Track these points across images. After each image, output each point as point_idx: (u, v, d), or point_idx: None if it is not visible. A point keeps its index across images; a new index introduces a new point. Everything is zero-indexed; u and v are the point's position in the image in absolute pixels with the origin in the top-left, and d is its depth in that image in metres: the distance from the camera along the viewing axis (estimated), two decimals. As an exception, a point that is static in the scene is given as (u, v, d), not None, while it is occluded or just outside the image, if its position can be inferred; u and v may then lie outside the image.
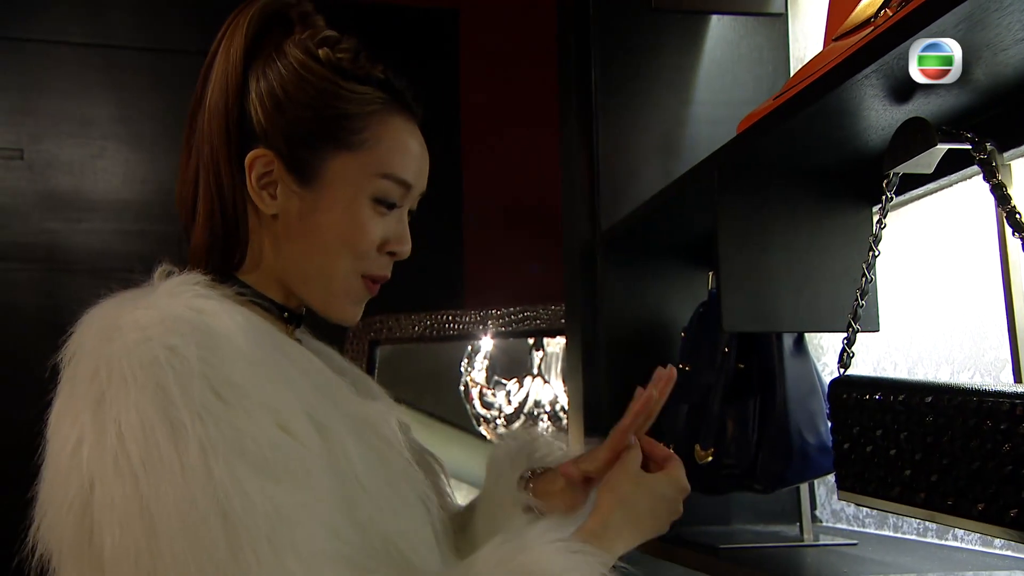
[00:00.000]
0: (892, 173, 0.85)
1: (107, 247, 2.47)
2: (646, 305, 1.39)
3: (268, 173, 0.83)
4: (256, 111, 0.82)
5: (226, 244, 0.84)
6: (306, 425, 0.72)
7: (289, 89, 0.82)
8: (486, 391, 2.40)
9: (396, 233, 0.87)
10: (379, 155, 0.84)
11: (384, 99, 0.85)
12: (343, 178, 0.83)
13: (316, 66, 0.83)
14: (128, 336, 0.70)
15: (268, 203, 0.83)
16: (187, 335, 0.70)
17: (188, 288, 0.76)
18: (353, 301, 0.87)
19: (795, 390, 1.07)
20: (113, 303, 0.76)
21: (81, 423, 0.70)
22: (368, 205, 0.84)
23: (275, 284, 0.86)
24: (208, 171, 0.83)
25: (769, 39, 1.43)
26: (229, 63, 0.83)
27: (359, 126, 0.83)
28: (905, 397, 0.79)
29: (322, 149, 0.83)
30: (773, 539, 1.15)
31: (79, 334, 0.76)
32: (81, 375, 0.72)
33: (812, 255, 1.03)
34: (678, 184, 1.18)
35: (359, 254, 0.84)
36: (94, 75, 2.50)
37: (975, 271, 1.01)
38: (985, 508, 0.71)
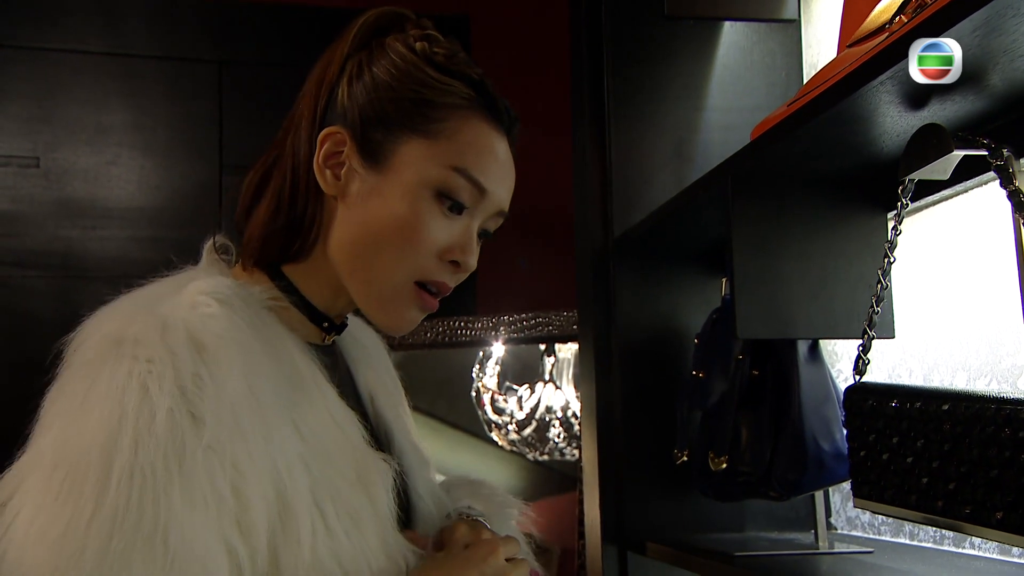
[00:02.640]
0: (908, 179, 0.85)
1: (122, 254, 2.49)
2: (659, 311, 1.39)
3: (338, 153, 0.81)
4: (343, 94, 0.81)
5: (288, 229, 0.81)
6: (263, 501, 0.67)
7: (377, 71, 0.81)
8: (498, 397, 2.40)
9: (461, 242, 0.81)
10: (454, 147, 0.80)
11: (472, 98, 0.82)
12: (411, 164, 0.79)
13: (410, 55, 0.82)
14: (119, 362, 0.67)
15: (330, 182, 0.81)
16: (165, 379, 0.66)
17: (207, 301, 0.73)
18: (403, 305, 0.81)
19: (810, 397, 1.07)
20: (140, 297, 0.75)
21: (58, 422, 0.69)
22: (431, 198, 0.79)
23: (323, 280, 0.83)
24: (290, 152, 0.82)
25: (782, 45, 1.43)
26: (334, 53, 0.84)
27: (439, 115, 0.80)
28: (922, 404, 0.78)
29: (397, 132, 0.80)
30: (788, 546, 1.15)
31: (101, 317, 0.74)
32: (78, 374, 0.70)
33: (827, 261, 1.02)
34: (691, 190, 1.18)
35: (412, 250, 0.79)
36: (110, 83, 2.52)
37: (991, 277, 1.00)
38: (1004, 516, 0.70)
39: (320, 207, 0.82)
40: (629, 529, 1.34)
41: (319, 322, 0.84)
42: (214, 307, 0.73)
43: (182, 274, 0.81)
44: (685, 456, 1.24)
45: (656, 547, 1.25)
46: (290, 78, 0.88)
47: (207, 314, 0.72)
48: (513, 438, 2.46)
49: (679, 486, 1.32)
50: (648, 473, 1.35)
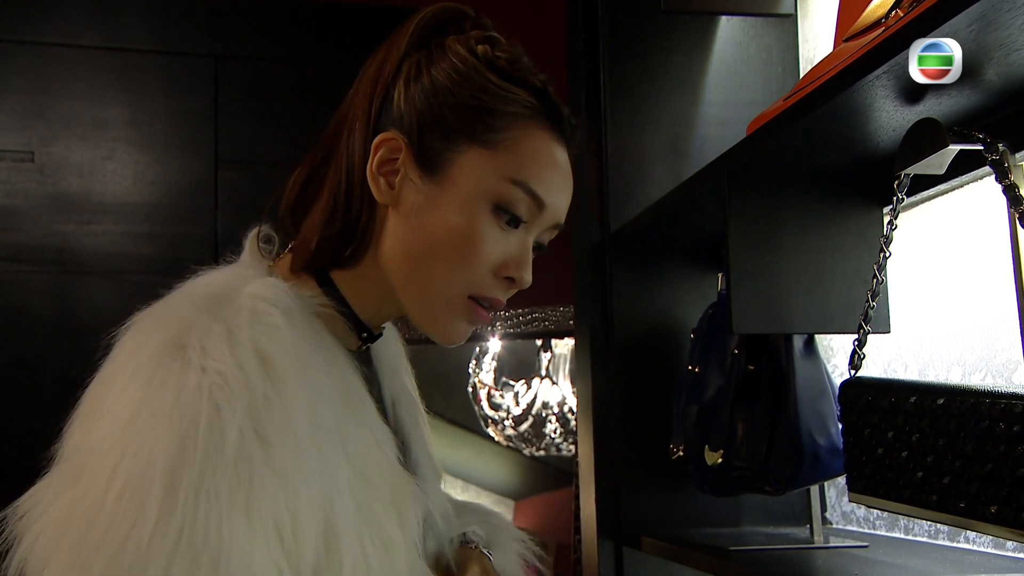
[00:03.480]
0: (903, 174, 0.85)
1: (117, 249, 2.48)
2: (656, 306, 1.39)
3: (393, 160, 0.78)
4: (400, 96, 0.78)
5: (342, 235, 0.78)
6: (314, 529, 0.66)
7: (436, 75, 0.77)
8: (494, 392, 2.40)
9: (517, 257, 0.78)
10: (514, 159, 0.77)
11: (534, 107, 0.79)
12: (469, 175, 0.76)
13: (471, 59, 0.78)
14: (185, 370, 0.65)
15: (383, 190, 0.78)
16: (237, 397, 0.64)
17: (269, 310, 0.71)
18: (455, 317, 0.79)
19: (805, 392, 1.07)
20: (195, 296, 0.72)
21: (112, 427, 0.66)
22: (489, 211, 0.77)
23: (370, 287, 0.80)
24: (343, 153, 0.79)
25: (779, 40, 1.43)
26: (388, 57, 0.80)
27: (500, 124, 0.77)
28: (917, 399, 0.78)
29: (455, 141, 0.77)
30: (783, 541, 1.15)
31: (157, 316, 0.72)
32: (134, 376, 0.67)
33: (822, 256, 1.02)
34: (687, 185, 1.18)
35: (468, 265, 0.76)
36: (106, 78, 2.51)
37: (987, 272, 1.00)
38: (998, 510, 0.71)
39: (373, 213, 0.79)
40: (625, 524, 1.34)
41: (359, 331, 0.82)
42: (277, 317, 0.71)
43: (230, 269, 0.79)
44: (681, 451, 1.25)
45: (652, 542, 1.25)
46: (287, 73, 0.88)
47: (271, 324, 0.70)
48: (509, 433, 2.46)
49: (675, 481, 1.33)
50: (644, 468, 1.35)
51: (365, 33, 2.71)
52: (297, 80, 2.61)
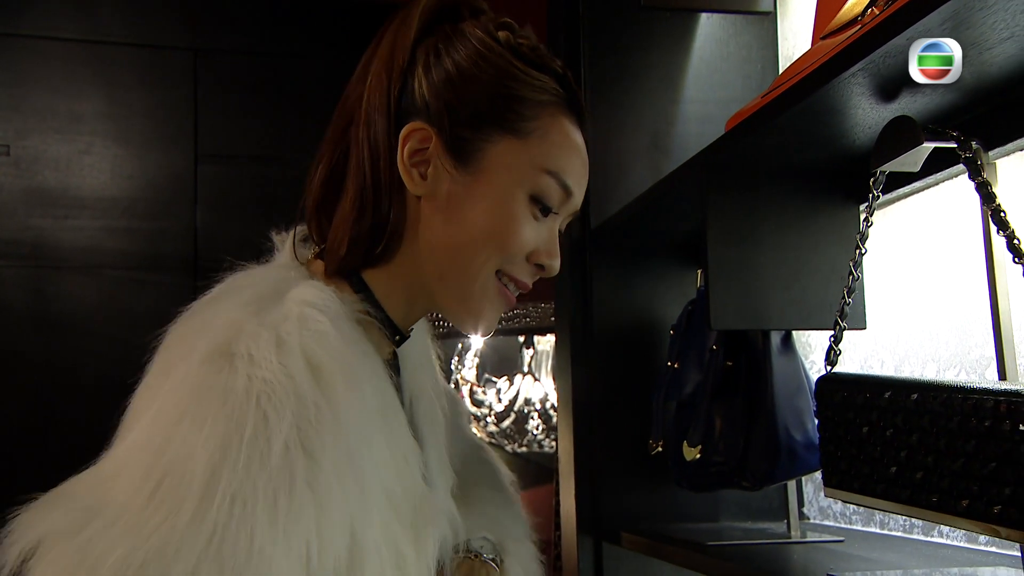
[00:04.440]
0: (879, 171, 0.85)
1: (95, 243, 2.46)
2: (636, 303, 1.39)
3: (423, 150, 0.76)
4: (421, 84, 0.76)
5: (373, 231, 0.77)
6: (338, 549, 0.65)
7: (464, 64, 0.76)
8: (476, 389, 2.40)
9: (547, 244, 0.79)
10: (546, 149, 0.77)
11: (559, 93, 0.79)
12: (504, 165, 0.76)
13: (495, 44, 0.77)
14: (233, 377, 0.64)
15: (417, 182, 0.77)
16: (285, 406, 0.64)
17: (316, 317, 0.69)
18: (491, 305, 0.79)
19: (783, 387, 1.08)
20: (240, 297, 0.71)
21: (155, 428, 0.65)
22: (525, 202, 0.77)
23: (401, 287, 0.79)
24: (364, 147, 0.77)
25: (758, 38, 1.43)
26: (398, 41, 0.78)
27: (530, 113, 0.77)
28: (891, 395, 0.79)
29: (487, 130, 0.76)
30: (761, 536, 1.16)
31: (202, 318, 0.70)
32: (182, 381, 0.66)
33: (800, 253, 1.03)
34: (666, 182, 1.18)
35: (506, 253, 0.77)
36: (82, 71, 2.49)
37: (961, 269, 1.01)
38: (969, 505, 0.71)
39: (403, 206, 0.78)
40: (604, 519, 1.35)
41: (392, 335, 0.81)
42: (325, 323, 0.70)
43: (271, 269, 0.78)
44: (660, 446, 1.25)
45: (631, 537, 1.26)
46: (266, 67, 0.86)
47: (319, 331, 0.69)
48: (492, 430, 2.46)
49: (654, 476, 1.33)
50: (623, 463, 1.35)
51: (345, 27, 2.70)
52: (277, 74, 2.59)
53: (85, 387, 2.39)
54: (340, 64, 2.66)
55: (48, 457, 2.38)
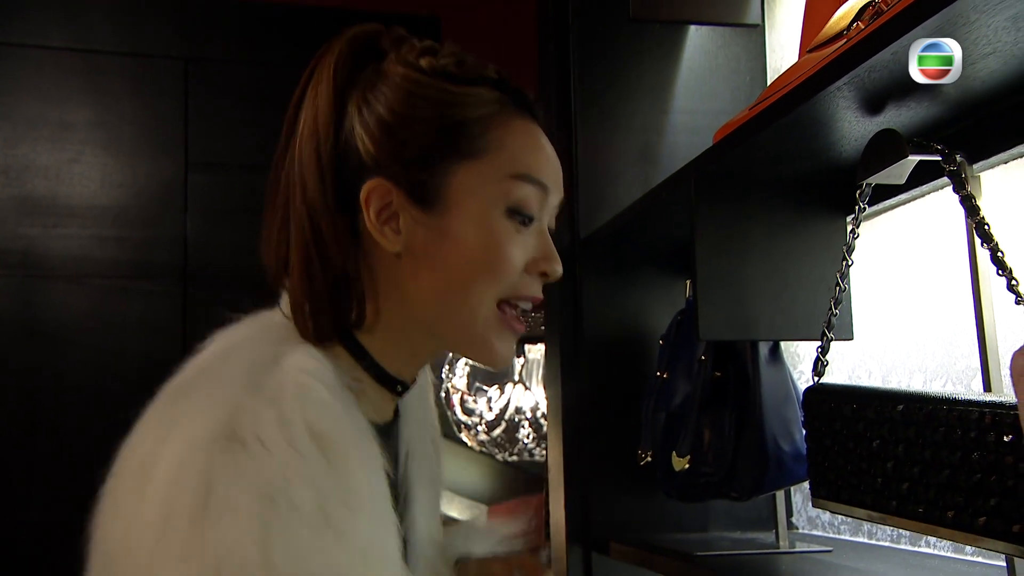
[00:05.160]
0: (865, 183, 0.86)
1: (84, 253, 2.45)
2: (625, 313, 1.40)
3: (387, 206, 0.73)
4: (363, 142, 0.73)
5: (331, 302, 0.74)
6: None
7: (397, 108, 0.73)
8: (467, 398, 2.40)
9: (541, 249, 0.76)
10: (505, 156, 0.74)
11: (500, 99, 0.76)
12: (470, 191, 0.73)
13: (421, 77, 0.74)
14: (248, 461, 0.62)
15: (392, 239, 0.74)
16: (301, 474, 0.63)
17: (315, 387, 0.68)
18: (499, 336, 0.76)
19: (771, 398, 1.08)
20: (232, 376, 0.68)
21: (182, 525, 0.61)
22: (502, 219, 0.74)
23: (402, 342, 0.77)
24: (303, 215, 0.74)
25: (746, 49, 1.44)
26: (318, 104, 0.75)
27: (478, 130, 0.74)
28: (877, 406, 0.79)
29: (442, 164, 0.73)
30: (749, 546, 1.16)
31: (196, 398, 0.67)
32: (183, 471, 0.62)
33: (788, 264, 1.04)
34: (655, 193, 1.18)
35: (501, 278, 0.74)
36: (72, 79, 2.48)
37: (947, 281, 1.02)
38: (955, 516, 0.72)
39: (374, 269, 0.75)
40: (594, 529, 1.34)
41: (393, 386, 0.78)
42: (323, 392, 0.68)
43: (260, 329, 0.75)
44: (649, 456, 1.25)
45: (620, 547, 1.26)
46: (257, 76, 0.85)
47: (319, 401, 0.67)
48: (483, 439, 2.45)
49: (643, 486, 1.33)
50: (613, 473, 1.35)
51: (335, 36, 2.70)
52: (267, 83, 2.59)
53: (74, 396, 2.37)
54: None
55: (37, 465, 2.36)
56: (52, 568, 2.27)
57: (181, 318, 2.47)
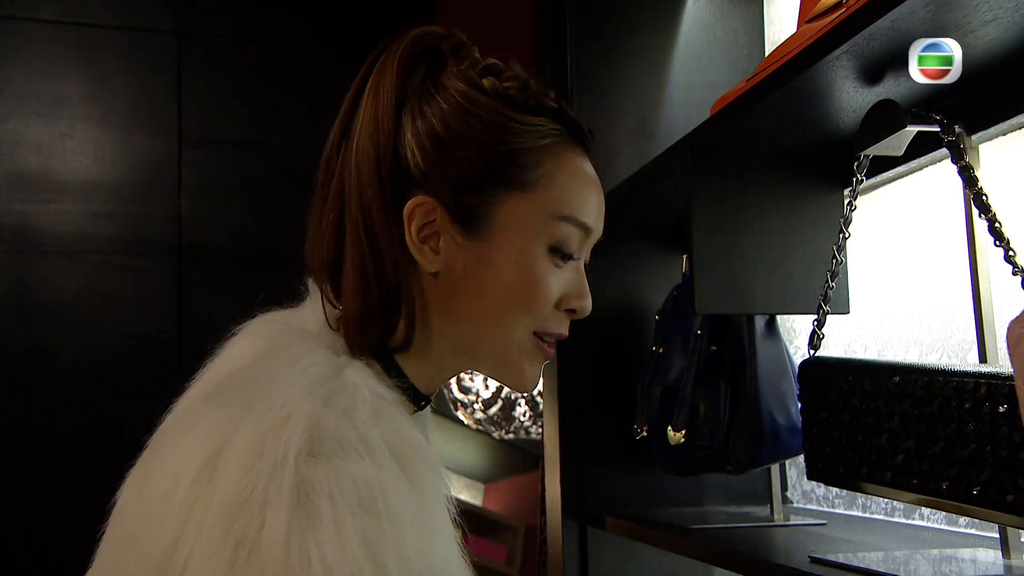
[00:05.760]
0: (863, 155, 0.85)
1: (77, 229, 2.44)
2: (621, 288, 1.39)
3: (430, 224, 0.72)
4: (413, 154, 0.72)
5: (383, 314, 0.72)
6: None
7: (452, 125, 0.71)
8: (464, 376, 2.40)
9: (575, 287, 0.76)
10: (555, 195, 0.73)
11: (559, 131, 0.75)
12: (515, 224, 0.73)
13: (482, 97, 0.72)
14: (334, 470, 0.60)
15: (430, 259, 0.73)
16: (392, 484, 0.62)
17: (388, 409, 0.67)
18: (530, 362, 0.76)
19: (766, 372, 1.08)
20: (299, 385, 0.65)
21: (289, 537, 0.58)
22: (544, 255, 0.74)
23: (425, 362, 0.76)
24: (359, 221, 0.72)
25: (744, 22, 1.43)
26: (379, 103, 0.72)
27: (532, 162, 0.73)
28: (873, 378, 0.79)
29: (491, 192, 0.72)
30: (744, 519, 1.16)
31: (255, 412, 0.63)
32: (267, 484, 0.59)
33: (785, 238, 1.03)
34: (652, 166, 1.18)
35: (535, 312, 0.74)
36: (65, 53, 2.46)
37: (943, 255, 1.02)
38: (949, 487, 0.72)
39: (417, 286, 0.74)
40: (589, 503, 1.35)
41: (419, 402, 0.78)
42: (395, 412, 0.67)
43: (298, 329, 0.74)
44: (644, 431, 1.25)
45: (615, 521, 1.26)
46: (251, 50, 0.83)
47: (394, 420, 0.66)
48: (479, 417, 2.46)
49: (639, 461, 1.34)
50: (608, 448, 1.36)
51: (330, 11, 2.68)
52: (262, 58, 2.57)
53: (68, 372, 2.37)
54: (325, 48, 2.64)
55: (31, 443, 2.36)
56: (47, 544, 2.28)
57: (176, 295, 2.47)
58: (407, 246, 0.72)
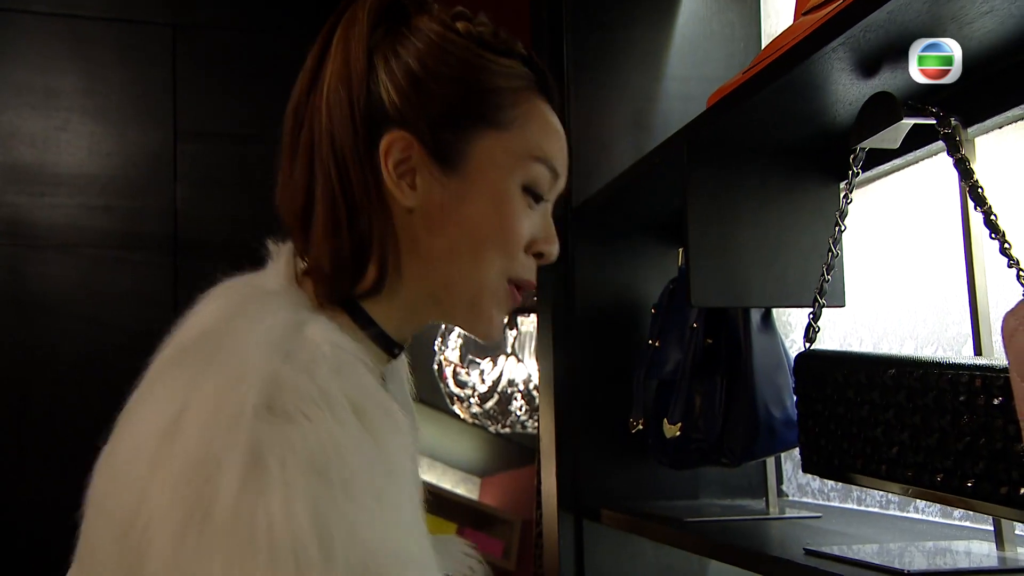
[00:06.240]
0: (859, 148, 0.85)
1: (72, 221, 2.43)
2: (617, 281, 1.39)
3: (406, 160, 0.73)
4: (388, 92, 0.72)
5: (353, 254, 0.73)
6: None
7: (428, 63, 0.72)
8: (460, 370, 2.40)
9: (544, 230, 0.78)
10: (528, 136, 0.75)
11: (530, 77, 0.77)
12: (491, 162, 0.74)
13: (457, 38, 0.74)
14: (294, 432, 0.60)
15: (407, 193, 0.73)
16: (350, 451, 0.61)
17: (350, 361, 0.66)
18: (499, 309, 0.77)
19: (762, 365, 1.08)
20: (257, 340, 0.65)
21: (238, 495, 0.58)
22: (518, 194, 0.75)
23: (401, 304, 0.76)
24: (330, 166, 0.72)
25: (741, 15, 1.42)
26: (350, 50, 0.73)
27: (507, 102, 0.74)
28: (868, 371, 0.79)
29: (468, 128, 0.74)
30: (739, 512, 1.16)
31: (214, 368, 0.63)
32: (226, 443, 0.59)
33: (780, 231, 1.03)
34: (648, 160, 1.17)
35: (509, 252, 0.75)
36: (59, 45, 2.45)
37: (940, 248, 1.02)
38: (944, 479, 0.72)
39: (390, 224, 0.74)
40: (585, 497, 1.35)
41: (391, 349, 0.78)
42: (359, 367, 0.67)
43: (270, 292, 0.74)
44: (640, 424, 1.25)
45: (611, 514, 1.27)
46: (246, 43, 0.83)
47: (356, 375, 0.66)
48: (475, 411, 2.46)
49: (635, 454, 1.34)
50: (604, 441, 1.36)
51: (327, 3, 2.67)
52: (257, 50, 2.56)
53: (62, 367, 2.37)
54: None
55: (27, 436, 2.36)
56: (45, 539, 2.28)
57: (172, 288, 2.46)
58: (381, 187, 0.73)
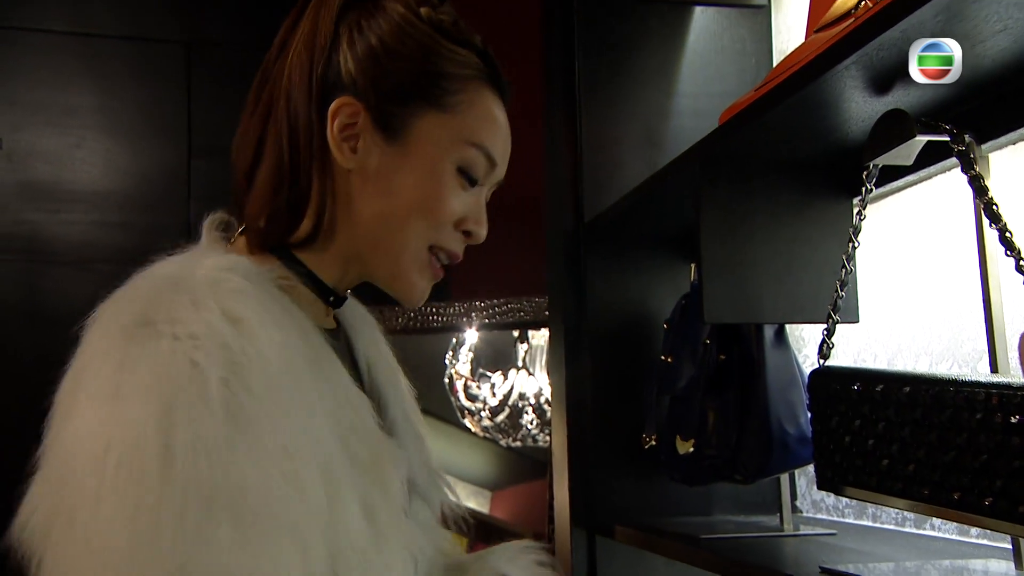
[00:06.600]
0: (872, 164, 0.85)
1: (88, 238, 2.45)
2: (629, 297, 1.39)
3: (352, 125, 0.79)
4: (346, 61, 0.79)
5: (290, 206, 0.78)
6: (315, 477, 0.66)
7: (388, 41, 0.79)
8: (471, 384, 2.40)
9: (475, 213, 0.83)
10: (469, 122, 0.81)
11: (481, 68, 0.82)
12: (430, 139, 0.80)
13: (417, 21, 0.80)
14: (157, 341, 0.64)
15: (347, 156, 0.79)
16: (213, 354, 0.64)
17: (229, 277, 0.70)
18: (421, 275, 0.82)
19: (776, 381, 1.08)
20: (154, 278, 0.71)
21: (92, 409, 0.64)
22: (452, 173, 0.81)
23: (332, 257, 0.81)
24: (282, 123, 0.79)
25: (752, 31, 1.43)
26: (320, 18, 0.80)
27: (454, 88, 0.80)
28: (883, 388, 0.79)
29: (413, 105, 0.79)
30: (753, 529, 1.16)
31: (119, 300, 0.70)
32: (105, 359, 0.65)
33: (793, 247, 1.03)
34: (660, 176, 1.18)
35: (435, 223, 0.80)
36: (75, 64, 2.48)
37: (954, 263, 1.01)
38: (961, 497, 0.72)
39: (330, 182, 0.79)
40: (598, 513, 1.35)
41: (326, 296, 0.83)
42: (241, 282, 0.71)
43: (186, 254, 0.78)
44: (653, 440, 1.25)
45: (624, 530, 1.26)
46: (259, 59, 0.85)
47: (234, 289, 0.70)
48: (486, 424, 2.46)
49: (647, 470, 1.33)
50: (617, 457, 1.35)
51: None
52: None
53: (78, 382, 2.38)
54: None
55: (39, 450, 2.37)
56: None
57: (185, 304, 2.48)
58: (325, 146, 0.79)
